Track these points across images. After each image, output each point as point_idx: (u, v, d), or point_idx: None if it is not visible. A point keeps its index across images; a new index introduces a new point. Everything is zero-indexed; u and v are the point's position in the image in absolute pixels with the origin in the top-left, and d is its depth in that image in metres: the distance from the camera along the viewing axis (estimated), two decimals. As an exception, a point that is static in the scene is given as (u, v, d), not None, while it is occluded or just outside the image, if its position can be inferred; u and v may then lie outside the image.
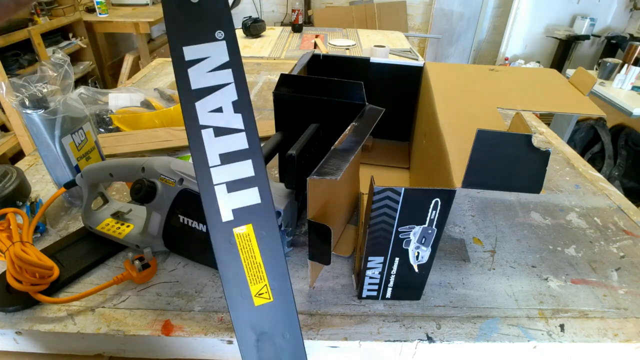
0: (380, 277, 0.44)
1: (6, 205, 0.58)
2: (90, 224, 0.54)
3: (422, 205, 0.38)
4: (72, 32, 2.82)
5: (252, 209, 0.33)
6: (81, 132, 0.59)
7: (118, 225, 0.54)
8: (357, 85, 0.55)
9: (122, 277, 0.47)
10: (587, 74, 0.57)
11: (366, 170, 0.74)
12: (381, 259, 0.43)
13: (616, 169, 2.04)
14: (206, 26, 0.30)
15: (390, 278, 0.45)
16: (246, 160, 0.32)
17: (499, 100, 0.54)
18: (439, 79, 0.63)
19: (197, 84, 0.31)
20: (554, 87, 0.60)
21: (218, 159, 0.32)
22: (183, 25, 0.30)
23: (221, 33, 0.30)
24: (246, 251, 0.33)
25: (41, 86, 0.53)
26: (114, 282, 0.46)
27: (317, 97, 0.57)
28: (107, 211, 0.57)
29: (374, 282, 0.45)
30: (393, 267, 0.43)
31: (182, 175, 0.46)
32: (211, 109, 0.31)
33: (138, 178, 0.48)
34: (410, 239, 0.40)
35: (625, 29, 3.10)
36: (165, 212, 0.48)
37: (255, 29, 2.03)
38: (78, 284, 0.48)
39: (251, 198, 0.33)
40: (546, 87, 0.60)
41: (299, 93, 0.58)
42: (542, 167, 0.35)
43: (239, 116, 0.32)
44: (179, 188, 0.46)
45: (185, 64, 0.30)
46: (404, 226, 0.39)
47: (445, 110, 0.51)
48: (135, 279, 0.48)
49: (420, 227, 0.39)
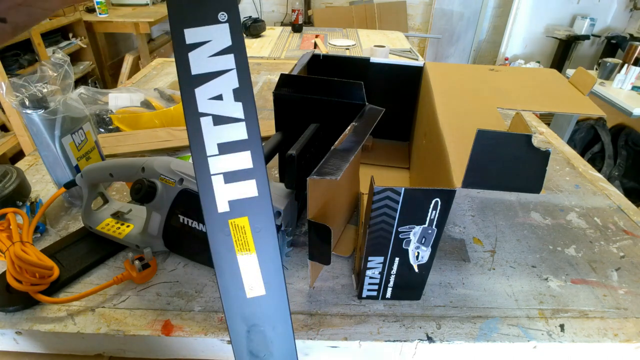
0: (380, 277, 0.44)
1: (6, 205, 0.58)
2: (90, 224, 0.54)
3: (422, 206, 0.38)
4: (72, 32, 2.82)
5: (249, 202, 0.32)
6: (81, 132, 0.59)
7: (118, 225, 0.54)
8: (357, 85, 0.55)
9: (122, 277, 0.47)
10: (587, 74, 0.57)
11: (366, 170, 0.74)
12: (381, 259, 0.43)
13: (616, 169, 2.04)
14: (208, 6, 0.29)
15: (390, 278, 0.45)
16: (245, 151, 0.31)
17: (499, 100, 0.54)
18: (439, 79, 0.63)
19: (198, 69, 0.30)
20: (554, 87, 0.60)
21: (216, 149, 0.31)
22: (185, 5, 0.29)
23: (224, 15, 0.29)
24: (241, 243, 0.33)
25: (41, 86, 0.53)
26: (114, 282, 0.46)
27: (317, 97, 0.57)
28: (107, 211, 0.57)
29: (374, 282, 0.45)
30: (393, 267, 0.43)
31: (182, 175, 0.46)
32: (211, 96, 0.30)
33: (138, 178, 0.48)
34: (410, 239, 0.40)
35: (625, 29, 3.10)
36: (165, 212, 0.48)
37: (255, 29, 2.03)
38: (78, 284, 0.48)
39: (248, 190, 0.32)
40: (546, 87, 0.60)
41: (299, 93, 0.58)
42: (542, 167, 0.35)
43: (240, 105, 0.31)
44: (179, 188, 0.46)
45: (186, 48, 0.29)
46: (404, 226, 0.39)
47: (445, 110, 0.51)
48: (135, 279, 0.48)
49: (420, 227, 0.39)
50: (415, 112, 0.77)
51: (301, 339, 0.43)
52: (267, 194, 0.33)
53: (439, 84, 0.60)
